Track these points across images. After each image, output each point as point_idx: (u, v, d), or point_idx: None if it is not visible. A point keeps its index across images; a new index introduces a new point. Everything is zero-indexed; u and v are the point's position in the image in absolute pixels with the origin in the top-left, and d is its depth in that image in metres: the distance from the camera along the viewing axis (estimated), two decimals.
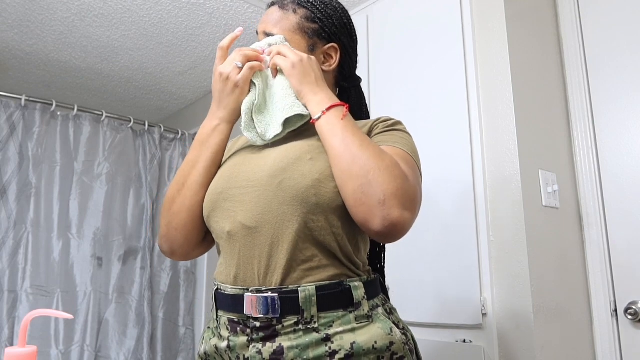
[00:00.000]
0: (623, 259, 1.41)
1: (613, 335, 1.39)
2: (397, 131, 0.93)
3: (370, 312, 0.82)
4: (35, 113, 2.34)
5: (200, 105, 3.01)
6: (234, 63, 0.91)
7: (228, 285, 0.86)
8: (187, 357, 2.60)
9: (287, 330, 0.79)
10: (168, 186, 2.73)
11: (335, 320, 0.80)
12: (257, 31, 1.01)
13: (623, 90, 1.47)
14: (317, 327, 0.79)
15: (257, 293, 0.81)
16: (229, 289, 0.85)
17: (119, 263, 2.44)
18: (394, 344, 0.81)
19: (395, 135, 0.91)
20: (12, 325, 2.13)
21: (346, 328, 0.79)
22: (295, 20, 0.97)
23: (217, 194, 0.89)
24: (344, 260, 0.83)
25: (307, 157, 0.85)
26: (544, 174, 1.43)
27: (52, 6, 2.05)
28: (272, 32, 0.97)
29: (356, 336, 0.79)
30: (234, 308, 0.83)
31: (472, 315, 1.37)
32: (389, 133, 0.92)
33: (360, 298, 0.82)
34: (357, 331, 0.80)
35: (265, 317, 0.80)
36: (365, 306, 0.82)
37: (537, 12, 1.61)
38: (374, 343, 0.80)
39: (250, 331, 0.81)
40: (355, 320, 0.81)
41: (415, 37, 1.72)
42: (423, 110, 1.63)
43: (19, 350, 0.70)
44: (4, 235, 2.19)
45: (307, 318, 0.79)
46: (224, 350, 0.84)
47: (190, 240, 0.95)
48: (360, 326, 0.80)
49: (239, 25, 2.19)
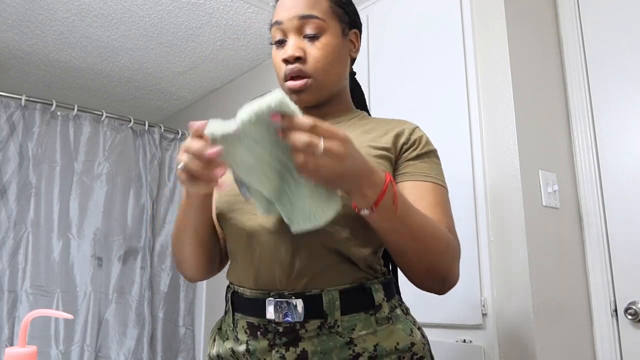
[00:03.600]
0: (623, 259, 1.41)
1: (613, 335, 1.39)
2: (431, 156, 0.92)
3: (390, 314, 0.83)
4: (35, 113, 2.34)
5: (200, 105, 3.01)
6: (180, 164, 0.71)
7: (246, 288, 0.84)
8: (187, 357, 2.60)
9: (311, 335, 0.78)
10: (167, 187, 2.73)
11: (357, 323, 0.80)
12: (276, 22, 0.93)
13: (623, 90, 1.47)
14: (341, 331, 0.79)
15: (280, 298, 0.80)
16: (247, 292, 0.84)
17: (119, 263, 2.44)
18: (414, 345, 0.82)
19: (431, 162, 0.91)
20: (12, 325, 2.13)
21: (368, 331, 0.79)
22: (327, 4, 0.93)
23: (234, 195, 0.85)
24: (364, 265, 0.83)
25: None
26: (544, 174, 1.43)
27: (52, 6, 2.04)
28: (311, 13, 0.90)
29: (378, 338, 0.79)
30: (254, 312, 0.82)
31: (472, 315, 1.37)
32: (425, 162, 0.90)
33: (381, 300, 0.82)
34: (378, 333, 0.80)
35: (288, 322, 0.79)
36: (385, 308, 0.83)
37: (537, 12, 1.61)
38: (396, 344, 0.80)
39: (272, 336, 0.80)
40: (377, 323, 0.81)
41: (415, 37, 1.72)
42: (423, 110, 1.63)
43: (19, 350, 0.70)
44: (4, 235, 2.19)
45: (331, 322, 0.79)
46: (241, 353, 0.83)
47: (205, 270, 0.96)
48: (382, 328, 0.81)
49: (239, 26, 2.19)
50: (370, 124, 0.96)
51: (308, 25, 0.90)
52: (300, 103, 0.90)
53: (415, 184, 0.87)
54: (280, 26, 0.92)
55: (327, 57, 0.90)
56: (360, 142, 0.88)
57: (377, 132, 0.92)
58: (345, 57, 0.97)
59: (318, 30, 0.90)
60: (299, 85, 0.89)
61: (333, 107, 0.97)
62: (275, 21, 0.93)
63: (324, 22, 0.91)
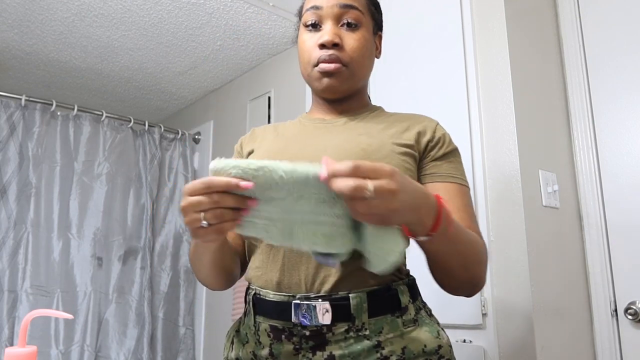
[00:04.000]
0: (623, 259, 1.41)
1: (613, 335, 1.39)
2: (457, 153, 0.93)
3: (416, 316, 0.82)
4: (35, 113, 2.34)
5: (200, 105, 3.01)
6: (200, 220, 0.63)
7: (270, 290, 0.82)
8: (187, 357, 2.59)
9: (338, 338, 0.77)
10: (167, 187, 2.73)
11: (384, 326, 0.78)
12: (314, 6, 0.91)
13: (623, 90, 1.47)
14: (368, 334, 0.77)
15: (306, 300, 0.78)
16: (270, 295, 0.82)
17: (119, 263, 2.44)
18: (441, 347, 0.81)
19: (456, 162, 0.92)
20: (12, 325, 2.13)
21: (395, 333, 0.78)
22: (365, 0, 0.94)
23: None
24: None
25: None
26: (544, 174, 1.43)
27: (52, 6, 2.04)
28: (352, 3, 0.90)
29: (405, 341, 0.78)
30: (278, 315, 0.80)
31: (472, 315, 1.37)
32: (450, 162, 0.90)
33: (407, 302, 0.82)
34: (405, 336, 0.79)
35: (315, 325, 0.77)
36: (411, 310, 0.82)
37: (537, 12, 1.61)
38: (424, 347, 0.79)
39: (298, 340, 0.78)
40: (403, 325, 0.80)
41: (415, 36, 1.72)
42: (423, 110, 1.62)
43: (19, 350, 0.70)
44: (4, 235, 2.19)
45: (358, 325, 0.77)
46: (264, 358, 0.81)
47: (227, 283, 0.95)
48: (409, 330, 0.79)
49: (239, 26, 2.19)
50: (389, 119, 0.96)
51: (347, 15, 0.90)
52: (330, 88, 0.91)
53: (443, 185, 0.88)
54: (317, 11, 0.91)
55: (361, 49, 0.90)
56: (382, 138, 0.88)
57: (397, 128, 0.91)
58: (373, 54, 0.97)
59: (357, 21, 0.91)
60: (333, 68, 0.88)
61: (354, 102, 0.97)
62: (312, 5, 0.92)
63: (362, 15, 0.91)
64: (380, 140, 0.87)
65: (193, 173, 2.84)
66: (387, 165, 0.60)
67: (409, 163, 0.87)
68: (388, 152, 0.85)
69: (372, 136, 0.88)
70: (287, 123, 1.03)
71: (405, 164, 0.86)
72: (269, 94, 2.42)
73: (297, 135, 0.95)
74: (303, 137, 0.94)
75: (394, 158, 0.85)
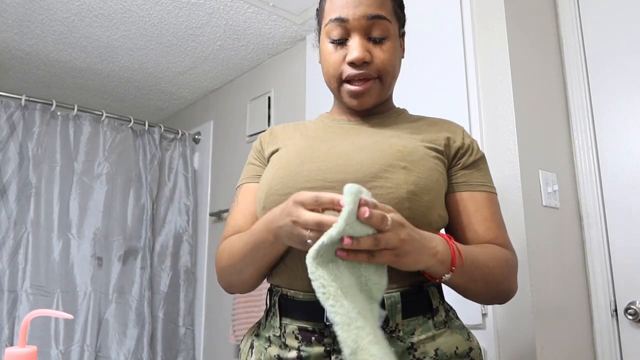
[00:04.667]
0: (623, 259, 1.41)
1: (613, 335, 1.39)
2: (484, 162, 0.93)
3: (446, 318, 0.81)
4: (35, 113, 2.34)
5: (200, 105, 3.01)
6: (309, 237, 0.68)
7: (299, 291, 0.79)
8: (187, 357, 2.60)
9: None
10: (167, 187, 2.73)
11: (416, 328, 0.77)
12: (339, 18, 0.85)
13: (623, 90, 1.47)
14: (402, 335, 0.76)
15: None
16: (300, 295, 0.79)
17: (119, 263, 2.44)
18: (472, 350, 0.81)
19: (485, 169, 0.92)
20: (12, 325, 2.13)
21: (428, 335, 0.77)
22: (391, 4, 0.90)
23: (283, 195, 0.79)
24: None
25: (401, 165, 0.80)
26: (544, 174, 1.43)
27: (52, 6, 2.05)
28: (380, 13, 0.85)
29: (437, 343, 0.78)
30: (308, 316, 0.78)
31: (472, 315, 1.37)
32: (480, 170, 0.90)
33: (438, 304, 0.81)
34: (437, 338, 0.78)
35: None
36: (442, 312, 0.81)
37: (537, 12, 1.61)
38: (456, 349, 0.78)
39: (330, 341, 0.76)
40: (435, 327, 0.79)
41: (415, 36, 1.72)
42: (423, 110, 1.62)
43: (19, 350, 0.70)
44: (4, 235, 2.19)
45: (392, 326, 0.76)
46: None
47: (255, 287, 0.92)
48: (440, 332, 0.79)
49: (239, 26, 2.19)
50: (417, 122, 0.95)
51: (376, 27, 0.85)
52: (360, 106, 0.90)
53: (472, 195, 0.87)
54: (343, 24, 0.85)
55: (392, 60, 0.88)
56: (413, 141, 0.87)
57: (426, 132, 0.90)
58: (401, 58, 0.95)
59: (385, 33, 0.86)
60: (364, 90, 0.86)
61: (382, 106, 0.96)
62: (337, 17, 0.86)
63: (390, 24, 0.87)
64: (412, 143, 0.86)
65: (193, 173, 2.84)
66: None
67: (441, 167, 0.86)
68: (422, 154, 0.84)
69: (403, 138, 0.87)
70: (306, 122, 1.01)
71: (438, 168, 0.85)
72: (269, 94, 2.42)
73: (324, 135, 0.92)
74: (332, 136, 0.91)
75: (428, 161, 0.84)
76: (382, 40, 0.86)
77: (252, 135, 2.47)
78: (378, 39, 0.86)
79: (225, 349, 2.38)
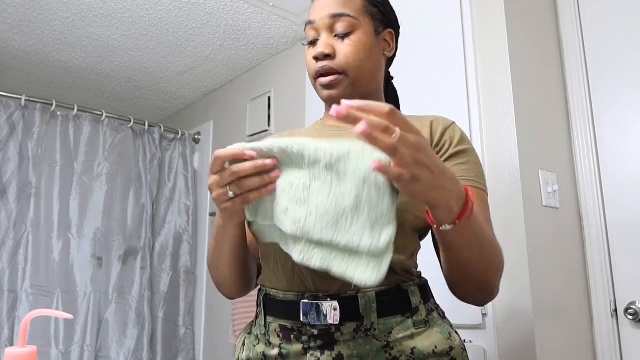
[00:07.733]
0: (623, 259, 1.41)
1: (613, 335, 1.39)
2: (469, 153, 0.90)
3: (427, 317, 0.81)
4: (35, 113, 2.35)
5: (200, 105, 3.01)
6: (227, 192, 0.70)
7: (280, 290, 0.83)
8: (187, 357, 2.60)
9: (346, 338, 0.76)
10: (167, 187, 2.73)
11: (394, 327, 0.78)
12: (309, 21, 0.93)
13: (623, 90, 1.47)
14: (377, 334, 0.77)
15: (315, 299, 0.78)
16: (280, 295, 0.82)
17: (119, 263, 2.44)
18: (453, 349, 0.80)
19: (471, 163, 0.89)
20: (12, 325, 2.13)
21: (405, 334, 0.78)
22: (360, 3, 0.93)
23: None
24: (400, 268, 0.81)
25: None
26: (544, 174, 1.43)
27: (52, 6, 2.05)
28: (342, 11, 0.90)
29: (416, 342, 0.78)
30: (287, 315, 0.80)
31: (472, 315, 1.37)
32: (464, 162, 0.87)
33: (417, 303, 0.81)
34: (416, 337, 0.78)
35: (323, 325, 0.77)
36: (422, 311, 0.81)
37: (537, 12, 1.61)
38: (434, 348, 0.78)
39: (307, 339, 0.78)
40: (414, 326, 0.79)
41: (415, 36, 1.72)
42: (422, 110, 1.63)
43: (19, 350, 0.70)
44: (4, 235, 2.19)
45: (367, 325, 0.77)
46: (274, 358, 0.81)
47: (245, 289, 0.94)
48: (419, 331, 0.79)
49: (239, 26, 2.19)
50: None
51: (339, 23, 0.90)
52: (331, 99, 0.90)
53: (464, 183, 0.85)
54: (312, 25, 0.92)
55: (357, 53, 0.89)
56: None
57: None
58: (378, 55, 0.95)
59: (349, 29, 0.90)
60: (329, 81, 0.89)
61: None
62: (308, 21, 0.94)
63: (355, 20, 0.90)
64: None
65: (193, 173, 2.84)
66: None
67: None
68: None
69: None
70: (302, 130, 1.03)
71: None
72: (269, 94, 2.42)
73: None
74: None
75: None
76: (346, 35, 0.90)
77: (252, 135, 2.47)
78: (342, 35, 0.90)
79: (225, 349, 2.38)
